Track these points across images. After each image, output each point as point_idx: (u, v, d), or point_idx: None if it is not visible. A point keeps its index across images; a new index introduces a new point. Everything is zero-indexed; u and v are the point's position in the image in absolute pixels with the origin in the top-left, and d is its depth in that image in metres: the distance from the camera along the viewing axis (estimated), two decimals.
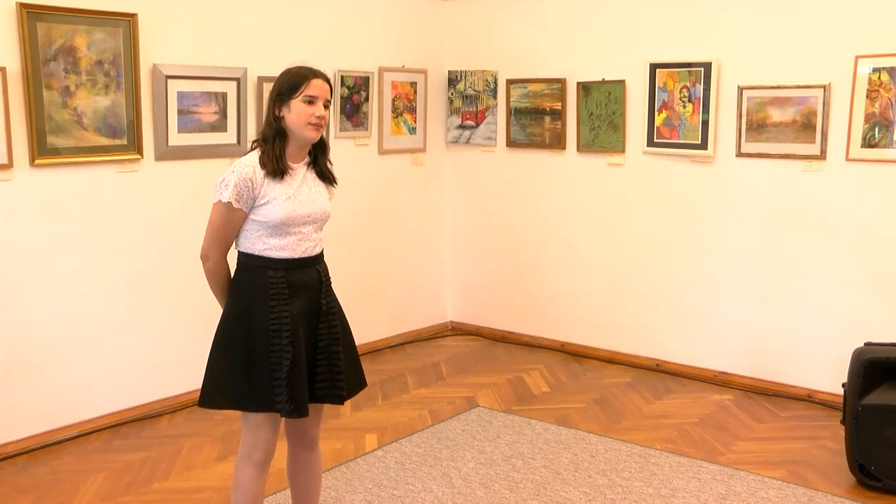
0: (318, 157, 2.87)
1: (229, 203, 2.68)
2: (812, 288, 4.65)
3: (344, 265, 5.10)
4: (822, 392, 4.65)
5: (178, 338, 4.59)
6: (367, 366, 3.14)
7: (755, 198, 4.79)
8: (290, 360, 2.69)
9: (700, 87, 4.85)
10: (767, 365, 4.84)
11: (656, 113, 5.05)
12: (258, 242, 2.74)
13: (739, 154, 4.80)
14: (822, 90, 4.47)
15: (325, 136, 2.87)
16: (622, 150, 5.24)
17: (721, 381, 4.97)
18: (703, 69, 4.83)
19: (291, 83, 2.72)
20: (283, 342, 2.69)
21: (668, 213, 5.12)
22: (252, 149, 2.81)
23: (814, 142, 4.54)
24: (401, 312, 5.91)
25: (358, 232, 5.53)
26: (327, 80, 2.79)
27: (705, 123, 4.86)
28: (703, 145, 4.89)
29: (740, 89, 4.73)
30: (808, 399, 4.69)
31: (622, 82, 5.17)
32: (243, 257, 2.79)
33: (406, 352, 5.71)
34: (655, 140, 5.09)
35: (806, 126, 4.55)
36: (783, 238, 4.72)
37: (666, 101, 5.00)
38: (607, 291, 5.44)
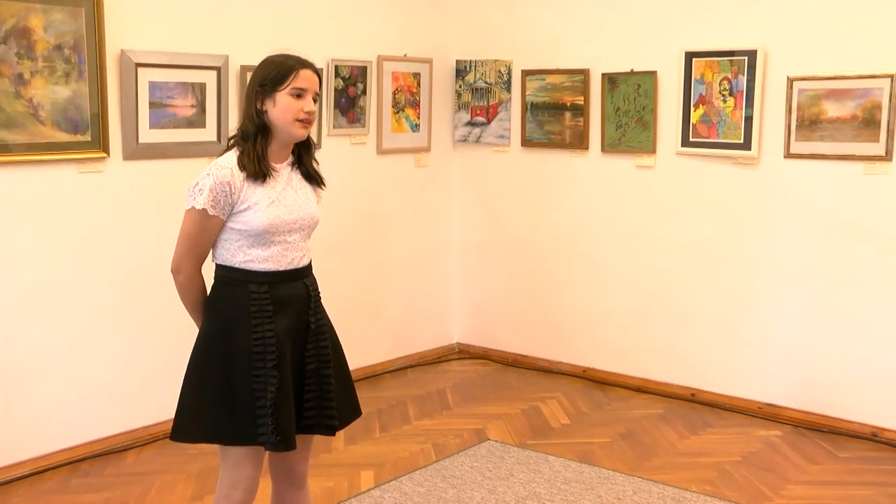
0: (303, 156, 2.88)
1: (204, 210, 2.68)
2: (875, 308, 4.61)
3: (337, 279, 5.09)
4: (890, 430, 4.61)
5: (146, 362, 4.56)
6: (363, 393, 3.14)
7: (807, 205, 4.76)
8: (275, 386, 2.68)
9: (743, 79, 4.83)
10: (822, 397, 4.80)
11: (692, 108, 5.03)
12: (238, 253, 2.74)
13: (788, 155, 4.77)
14: (888, 81, 4.44)
15: (310, 134, 2.88)
16: (653, 151, 5.23)
17: (767, 415, 4.93)
18: (746, 58, 4.81)
19: (277, 74, 2.73)
20: (267, 365, 2.68)
21: (705, 222, 5.10)
22: (229, 147, 2.81)
23: (877, 140, 4.51)
24: (401, 333, 5.90)
25: (353, 242, 5.51)
26: (316, 72, 2.81)
27: (749, 120, 4.84)
28: (747, 145, 4.87)
29: (790, 80, 4.70)
30: (873, 438, 4.64)
31: (653, 74, 5.16)
32: (221, 270, 2.79)
33: (407, 377, 5.70)
34: (691, 139, 5.07)
35: (868, 122, 4.52)
36: (840, 251, 4.69)
37: (703, 94, 4.98)
38: (636, 311, 5.41)
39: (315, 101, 2.78)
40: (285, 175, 2.81)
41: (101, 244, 4.38)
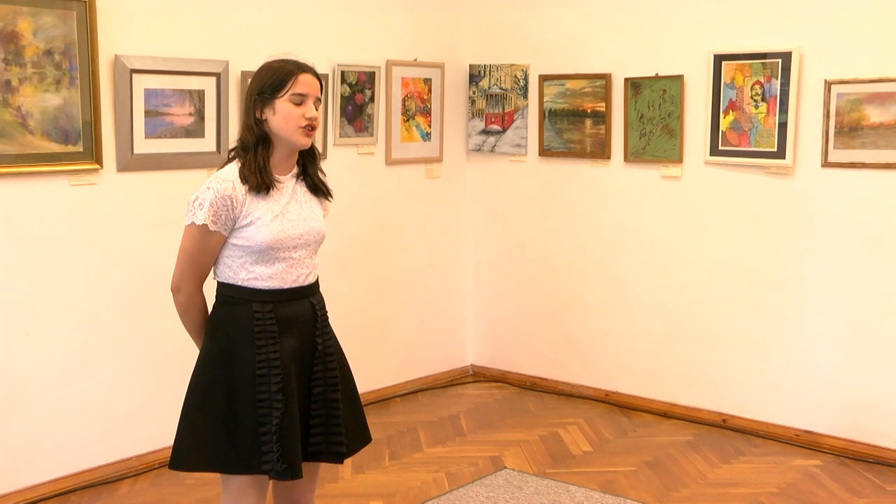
0: (308, 167, 2.91)
1: (204, 226, 2.70)
2: None
3: (343, 298, 5.09)
4: None
5: (142, 386, 4.56)
6: (371, 418, 3.15)
7: (846, 218, 4.75)
8: (280, 411, 2.69)
9: (777, 83, 4.82)
10: (867, 424, 4.76)
11: (722, 115, 5.03)
12: (241, 271, 2.77)
13: (826, 164, 4.76)
14: None
15: (314, 142, 2.90)
16: (679, 161, 5.23)
17: (806, 443, 4.90)
18: (780, 60, 4.81)
19: (275, 80, 2.76)
20: (271, 389, 2.70)
21: (736, 236, 5.09)
22: (230, 159, 2.84)
23: None
24: (412, 354, 5.90)
25: (360, 257, 5.52)
26: (317, 76, 2.83)
27: (783, 127, 4.83)
28: (781, 154, 4.86)
29: (828, 84, 4.70)
30: None
31: (679, 78, 5.17)
32: (223, 288, 2.81)
33: (418, 402, 5.70)
34: (720, 148, 5.07)
35: None
36: (882, 267, 4.67)
37: (734, 100, 4.98)
38: (662, 331, 5.40)
39: (317, 106, 2.80)
40: (289, 187, 2.83)
41: (93, 261, 4.38)
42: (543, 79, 5.70)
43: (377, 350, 5.65)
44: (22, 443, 4.21)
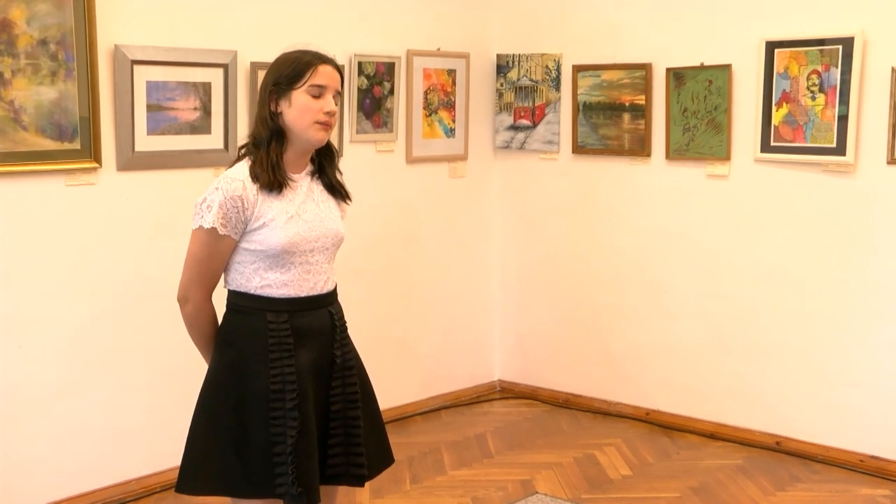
0: (324, 166, 2.93)
1: (213, 229, 2.72)
2: None
3: (361, 308, 5.07)
4: None
5: (144, 403, 4.58)
6: (391, 438, 3.16)
7: None
8: (295, 430, 2.70)
9: (836, 72, 4.80)
10: None
11: (774, 108, 5.02)
12: (253, 277, 2.78)
13: (893, 161, 4.74)
14: None
15: (331, 140, 2.92)
16: (727, 158, 5.22)
17: (872, 470, 4.87)
18: (841, 47, 4.78)
19: (292, 71, 2.78)
20: (286, 406, 2.71)
21: (790, 240, 5.07)
22: (240, 157, 2.86)
23: None
24: (434, 369, 5.91)
25: (378, 264, 5.53)
26: (337, 68, 2.85)
27: (843, 120, 4.81)
28: (840, 150, 4.84)
29: (895, 72, 4.67)
30: None
31: (727, 67, 5.16)
32: (234, 297, 2.82)
33: (442, 420, 5.71)
34: (772, 143, 5.06)
35: None
36: None
37: (788, 91, 4.97)
38: (708, 344, 5.39)
39: (336, 100, 2.82)
40: (305, 186, 2.85)
41: (91, 267, 4.40)
42: (577, 69, 5.69)
43: (396, 364, 5.65)
44: (13, 464, 4.22)
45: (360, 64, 5.28)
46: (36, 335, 4.26)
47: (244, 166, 2.78)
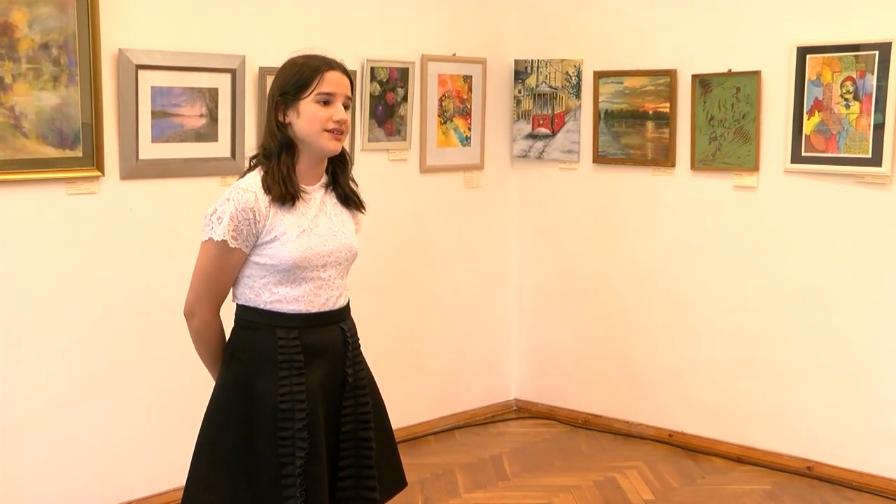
0: (338, 176, 2.94)
1: (224, 242, 2.73)
2: None
3: (371, 323, 5.06)
4: None
5: (147, 420, 4.59)
6: (403, 459, 3.17)
7: None
8: (305, 451, 2.71)
9: (872, 79, 4.80)
10: None
11: (805, 116, 5.02)
12: (263, 292, 2.79)
13: None
14: None
15: (345, 147, 2.93)
16: (755, 168, 5.22)
17: None
18: (877, 52, 4.77)
19: (299, 79, 2.79)
20: (296, 426, 2.72)
21: (822, 255, 5.06)
22: (251, 168, 2.87)
23: None
24: (448, 387, 5.92)
25: (390, 278, 5.54)
26: (346, 73, 2.86)
27: (879, 129, 4.80)
28: (876, 160, 4.83)
29: None
30: None
31: (756, 74, 5.16)
32: (243, 312, 2.84)
33: (456, 440, 5.71)
34: (804, 154, 5.05)
35: None
36: None
37: (820, 98, 4.96)
38: (735, 363, 5.38)
39: (347, 107, 2.82)
40: (318, 199, 2.86)
41: (93, 279, 4.41)
42: (599, 75, 5.70)
43: (409, 382, 5.66)
44: (8, 483, 4.23)
45: (372, 69, 5.30)
46: (35, 348, 4.26)
47: (256, 177, 2.79)
